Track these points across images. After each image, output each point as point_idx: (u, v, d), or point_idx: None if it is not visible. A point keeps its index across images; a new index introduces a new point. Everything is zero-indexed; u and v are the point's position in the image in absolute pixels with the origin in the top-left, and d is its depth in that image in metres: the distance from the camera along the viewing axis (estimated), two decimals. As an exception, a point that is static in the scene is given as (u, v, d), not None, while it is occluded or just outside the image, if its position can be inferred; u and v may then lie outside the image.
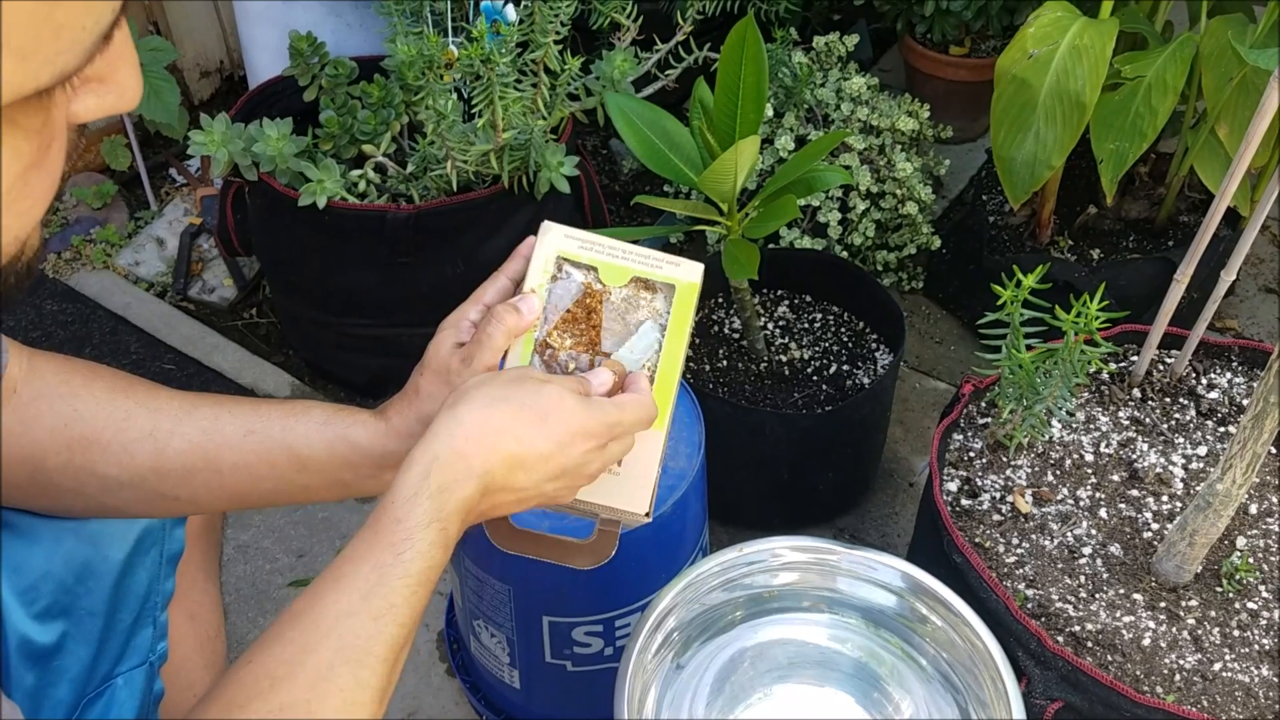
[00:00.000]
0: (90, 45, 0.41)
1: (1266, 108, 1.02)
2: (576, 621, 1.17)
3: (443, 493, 0.67)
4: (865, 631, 0.95)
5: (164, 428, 0.77)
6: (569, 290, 0.78)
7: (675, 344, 0.78)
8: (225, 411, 0.78)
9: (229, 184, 1.63)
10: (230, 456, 0.77)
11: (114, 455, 0.76)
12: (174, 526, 0.89)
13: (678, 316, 0.78)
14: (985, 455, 1.20)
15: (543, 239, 0.79)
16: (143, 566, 0.87)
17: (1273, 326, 1.84)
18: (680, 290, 0.79)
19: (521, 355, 0.76)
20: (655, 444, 0.76)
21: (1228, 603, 1.08)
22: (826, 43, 1.78)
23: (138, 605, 0.87)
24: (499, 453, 0.68)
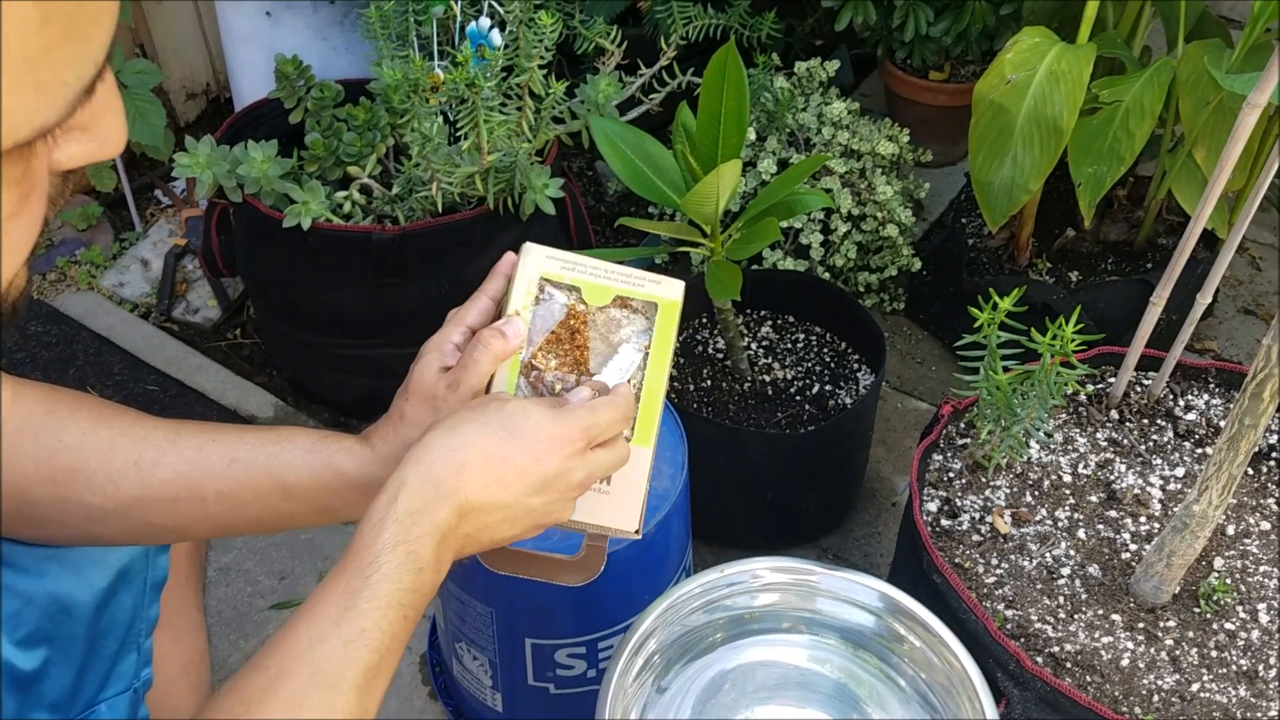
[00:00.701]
0: (72, 100, 0.41)
1: (1241, 131, 1.03)
2: (559, 643, 1.17)
3: (410, 516, 0.67)
4: (844, 653, 0.96)
5: (149, 457, 0.77)
6: (552, 312, 0.78)
7: (659, 361, 0.79)
8: (210, 440, 0.78)
9: (214, 205, 1.63)
10: (215, 485, 0.77)
11: (99, 485, 0.76)
12: (158, 554, 0.89)
13: (661, 334, 0.79)
14: (964, 476, 1.21)
15: (524, 260, 0.79)
16: (127, 593, 0.87)
17: (1251, 348, 1.86)
18: (663, 308, 0.79)
19: (508, 379, 0.76)
20: (643, 461, 0.77)
21: (1205, 623, 1.09)
22: (808, 68, 1.80)
23: (122, 632, 0.87)
24: (469, 471, 0.68)
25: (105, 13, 0.43)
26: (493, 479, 0.69)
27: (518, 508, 0.70)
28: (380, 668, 0.66)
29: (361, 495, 0.77)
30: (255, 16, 1.77)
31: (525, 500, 0.70)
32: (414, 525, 0.67)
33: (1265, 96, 0.99)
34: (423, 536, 0.67)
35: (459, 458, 0.68)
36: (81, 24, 0.42)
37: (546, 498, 0.71)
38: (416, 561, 0.67)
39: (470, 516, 0.69)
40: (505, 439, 0.69)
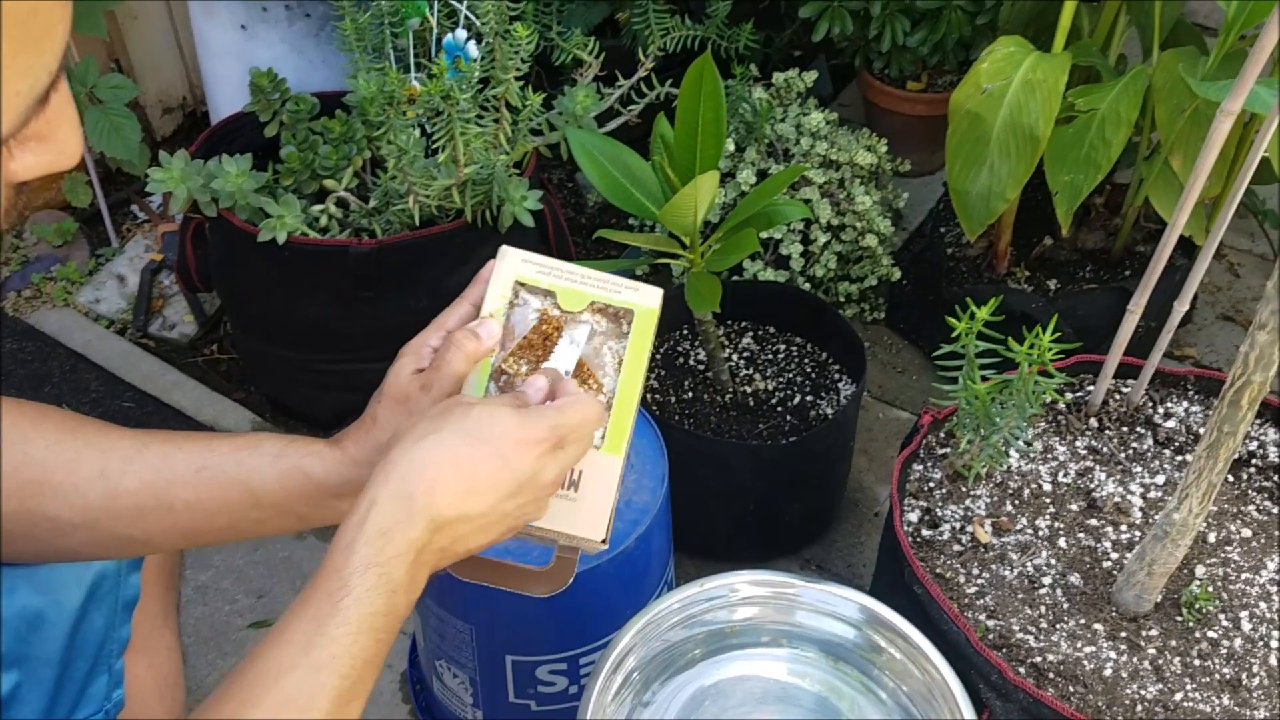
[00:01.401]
0: (25, 110, 0.41)
1: (1215, 138, 1.03)
2: (540, 660, 1.16)
3: (381, 537, 0.65)
4: (825, 665, 0.95)
5: (115, 467, 0.76)
6: (526, 316, 0.78)
7: (634, 369, 0.77)
8: (176, 448, 0.77)
9: (189, 220, 1.62)
10: (183, 493, 0.76)
11: (65, 497, 0.75)
12: (129, 572, 0.88)
13: (636, 342, 0.78)
14: (945, 485, 1.21)
15: (500, 264, 0.78)
16: (98, 613, 0.86)
17: (1230, 353, 1.87)
18: (639, 315, 0.78)
19: (478, 383, 0.75)
20: (612, 469, 0.75)
21: (1188, 632, 1.09)
22: (786, 79, 1.80)
23: (93, 653, 0.86)
24: (440, 484, 0.67)
25: (58, 23, 0.43)
26: (465, 489, 0.67)
27: (492, 515, 0.69)
28: (354, 693, 0.65)
29: (332, 499, 0.76)
30: (230, 30, 1.76)
31: (499, 506, 0.69)
32: (386, 546, 0.65)
33: (1238, 104, 0.99)
34: (395, 557, 0.65)
35: (429, 473, 0.67)
36: (34, 34, 0.41)
37: (520, 500, 0.70)
38: (389, 584, 0.65)
39: (444, 530, 0.68)
40: (474, 446, 0.68)
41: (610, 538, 0.88)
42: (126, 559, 0.88)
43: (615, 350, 0.78)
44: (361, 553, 0.65)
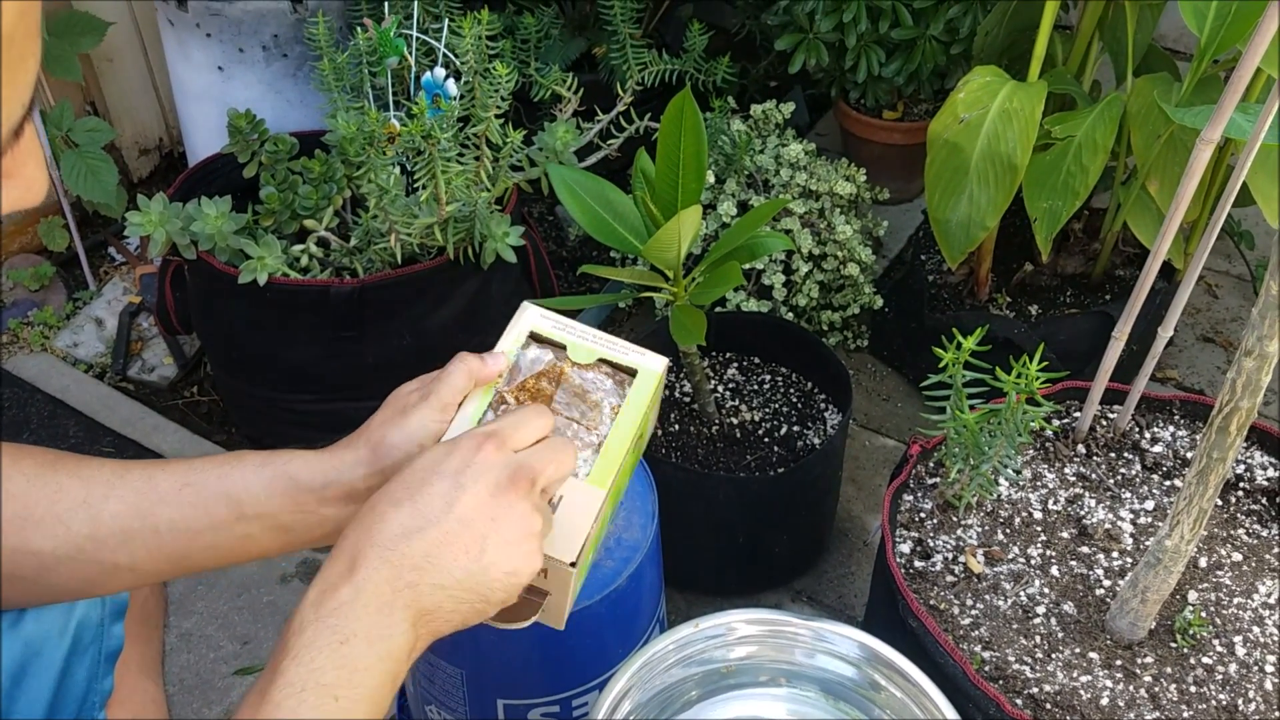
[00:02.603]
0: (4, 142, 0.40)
1: (1195, 167, 1.04)
2: (532, 703, 1.15)
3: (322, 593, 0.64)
4: (824, 705, 0.94)
5: (97, 493, 0.75)
6: (537, 361, 0.82)
7: (629, 417, 0.79)
8: (158, 470, 0.77)
9: (168, 262, 1.61)
10: (167, 512, 0.75)
11: (48, 528, 0.74)
12: (112, 622, 0.87)
13: (635, 396, 0.81)
14: (936, 515, 1.21)
15: (519, 316, 0.84)
16: (81, 666, 0.84)
17: (1212, 374, 1.88)
18: (642, 374, 0.82)
19: (478, 407, 0.78)
20: (593, 500, 0.75)
21: (1183, 658, 1.08)
22: (764, 110, 1.81)
23: (76, 706, 0.84)
24: (377, 522, 0.66)
25: (30, 55, 0.42)
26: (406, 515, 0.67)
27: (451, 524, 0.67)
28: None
29: (317, 504, 0.76)
30: (207, 72, 1.76)
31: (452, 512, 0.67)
32: (325, 600, 0.64)
33: (1218, 132, 1.00)
34: (337, 608, 0.63)
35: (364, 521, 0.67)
36: (9, 66, 0.41)
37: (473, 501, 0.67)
38: (335, 635, 0.63)
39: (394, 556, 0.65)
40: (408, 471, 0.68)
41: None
42: (110, 606, 0.86)
43: (614, 404, 0.81)
44: (301, 615, 0.64)
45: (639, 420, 0.80)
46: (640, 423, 0.80)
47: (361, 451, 0.76)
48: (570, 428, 0.79)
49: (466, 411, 0.77)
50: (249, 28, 1.71)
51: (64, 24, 1.77)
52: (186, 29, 1.72)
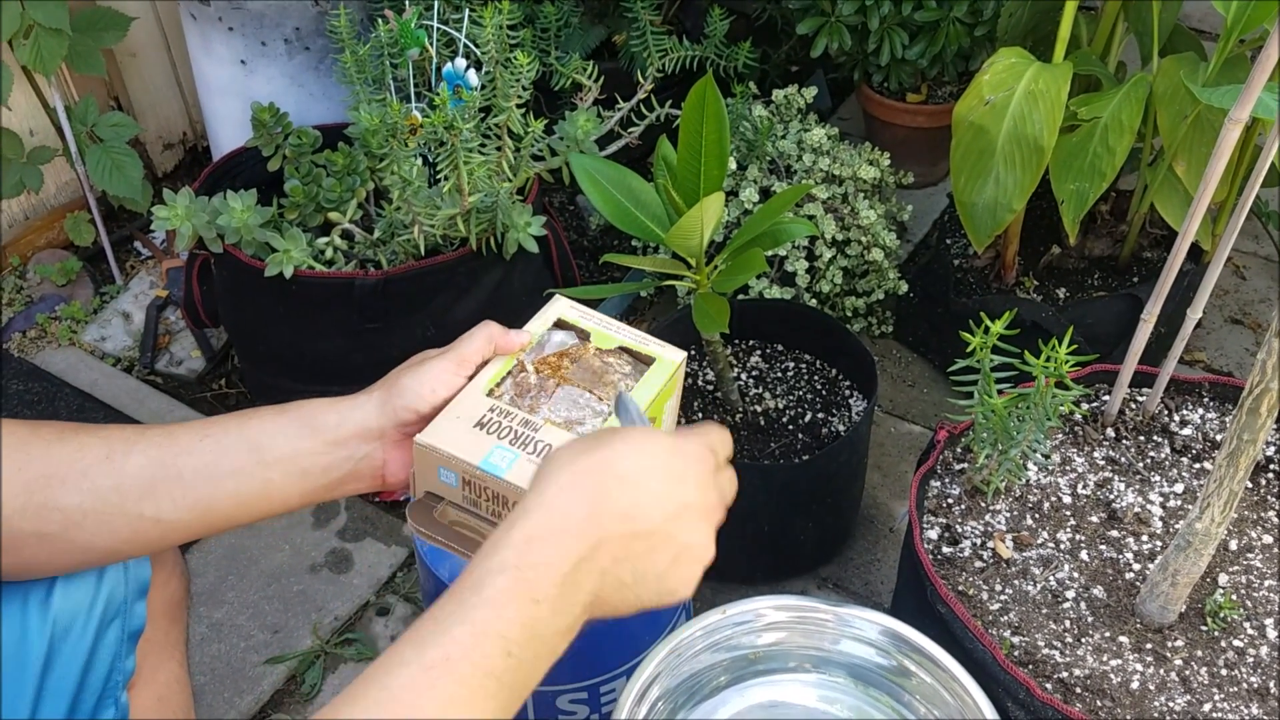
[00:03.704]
0: None
1: (1224, 147, 1.03)
2: (560, 689, 1.15)
3: (527, 542, 0.61)
4: (854, 691, 0.94)
5: (119, 449, 0.76)
6: (562, 343, 0.86)
7: (644, 393, 0.82)
8: (177, 426, 0.79)
9: (194, 256, 1.62)
10: (189, 461, 0.76)
11: (73, 483, 0.75)
12: (135, 600, 0.88)
13: (653, 375, 0.84)
14: (964, 501, 1.20)
15: (549, 305, 0.89)
16: (104, 644, 0.86)
17: (1240, 356, 1.86)
18: (660, 362, 0.85)
19: (499, 371, 0.82)
20: None
21: (1214, 641, 1.08)
22: (786, 95, 1.80)
23: (100, 685, 0.86)
24: (605, 497, 0.64)
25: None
26: (629, 503, 0.64)
27: (658, 535, 0.65)
28: (471, 705, 0.57)
29: (333, 444, 0.78)
30: (230, 66, 1.77)
31: (665, 527, 0.65)
32: (529, 551, 0.61)
33: (1246, 111, 0.99)
34: (541, 564, 0.61)
35: (590, 483, 0.64)
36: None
37: (686, 521, 0.66)
38: (530, 591, 0.60)
39: (605, 546, 0.63)
40: (639, 460, 0.65)
41: None
42: (133, 584, 0.87)
43: (630, 384, 0.84)
44: (501, 555, 0.61)
45: (653, 398, 0.82)
46: (655, 402, 0.82)
47: (375, 394, 0.80)
48: (584, 396, 0.82)
49: (487, 373, 0.81)
50: (271, 21, 1.71)
51: (87, 20, 1.78)
52: (209, 23, 1.73)
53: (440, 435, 0.77)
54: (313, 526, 1.63)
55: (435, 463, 0.77)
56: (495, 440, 0.76)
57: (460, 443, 0.76)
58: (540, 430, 0.78)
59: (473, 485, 0.77)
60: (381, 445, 0.80)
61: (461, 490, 0.77)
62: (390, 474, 0.81)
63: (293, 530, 1.62)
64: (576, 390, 0.82)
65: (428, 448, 0.76)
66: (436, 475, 0.78)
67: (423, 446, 0.77)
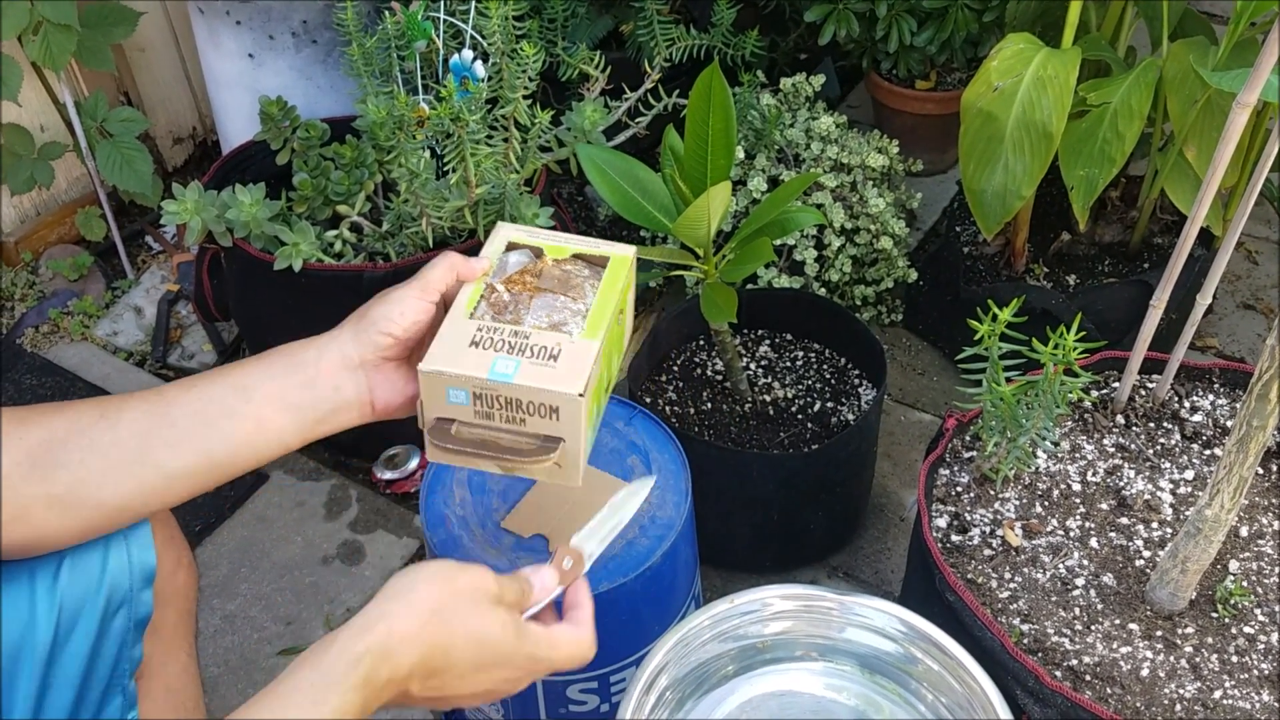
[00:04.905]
0: None
1: (1232, 130, 1.02)
2: (570, 679, 1.16)
3: (365, 685, 0.71)
4: (861, 679, 0.94)
5: (111, 408, 0.80)
6: (519, 261, 0.91)
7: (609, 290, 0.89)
8: (167, 385, 0.83)
9: (204, 250, 1.62)
10: (180, 410, 0.80)
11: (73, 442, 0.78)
12: (141, 589, 0.88)
13: (612, 274, 0.90)
14: (973, 489, 1.20)
15: (496, 232, 0.93)
16: (112, 633, 0.86)
17: (1252, 342, 1.85)
18: (614, 260, 0.91)
19: (471, 295, 0.87)
20: (590, 348, 0.84)
21: (1224, 628, 1.07)
22: (793, 83, 1.80)
23: (107, 673, 0.86)
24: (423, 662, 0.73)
25: None
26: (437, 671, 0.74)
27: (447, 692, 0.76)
28: None
29: (322, 380, 0.83)
30: (238, 59, 1.77)
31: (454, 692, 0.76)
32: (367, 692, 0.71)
33: (1255, 95, 0.98)
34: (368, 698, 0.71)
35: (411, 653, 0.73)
36: None
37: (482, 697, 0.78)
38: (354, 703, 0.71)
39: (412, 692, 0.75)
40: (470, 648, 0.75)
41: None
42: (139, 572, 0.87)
43: (594, 284, 0.90)
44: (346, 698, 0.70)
45: (618, 293, 0.89)
46: (620, 298, 0.89)
47: (347, 326, 0.85)
48: (558, 300, 0.88)
49: (461, 299, 0.86)
50: (278, 14, 1.71)
51: (96, 15, 1.79)
52: (217, 17, 1.74)
53: (441, 359, 0.81)
54: (324, 519, 1.64)
55: (443, 386, 0.81)
56: (494, 353, 0.82)
57: (463, 361, 0.81)
58: (532, 337, 0.84)
59: (484, 398, 0.81)
60: (364, 373, 0.85)
61: (473, 407, 0.82)
62: (378, 400, 0.86)
63: (304, 523, 1.63)
64: (550, 296, 0.88)
65: (433, 373, 0.81)
66: (445, 399, 0.82)
67: (428, 373, 0.81)
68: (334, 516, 1.64)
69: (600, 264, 0.91)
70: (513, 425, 0.82)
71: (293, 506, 1.66)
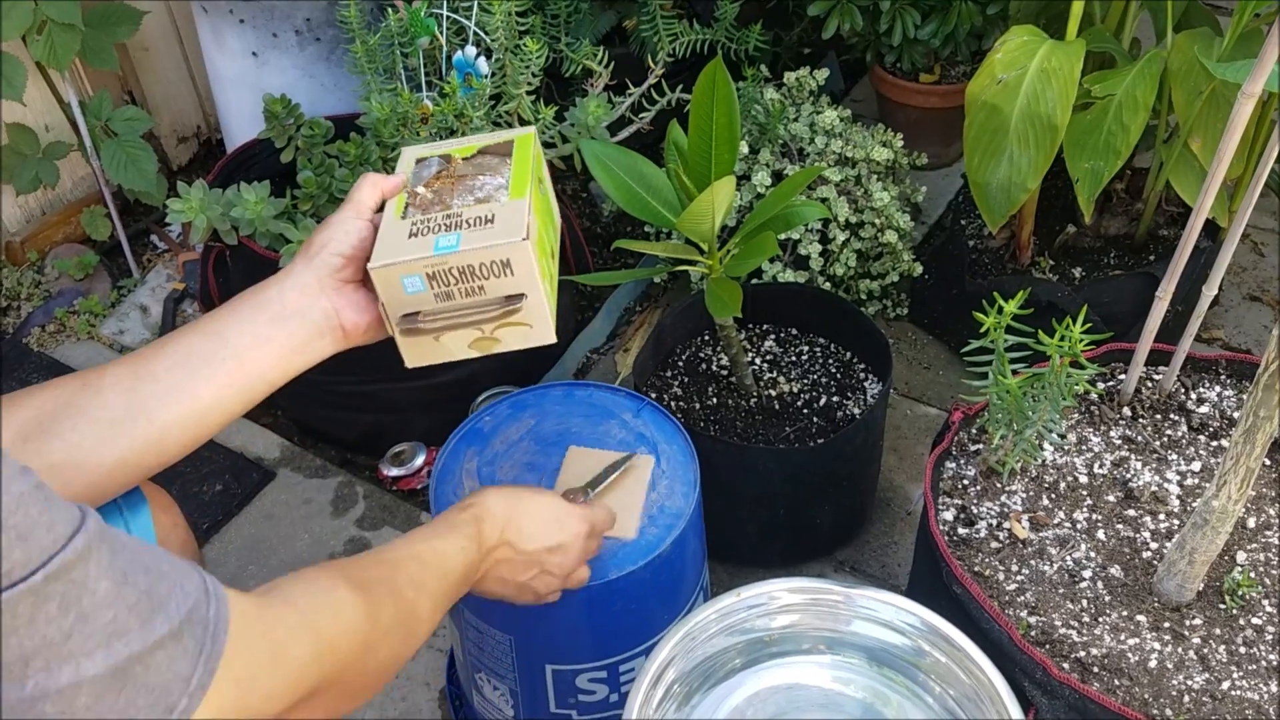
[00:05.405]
0: None
1: (1237, 122, 1.02)
2: (580, 668, 1.16)
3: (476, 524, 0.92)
4: (869, 671, 0.94)
5: (92, 375, 0.83)
6: (430, 168, 0.97)
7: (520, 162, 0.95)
8: (142, 348, 0.87)
9: (210, 248, 1.63)
10: (160, 364, 0.84)
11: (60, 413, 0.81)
12: None
13: (519, 150, 0.97)
14: (979, 482, 1.20)
15: (402, 156, 1.00)
16: None
17: (1259, 334, 1.85)
18: (519, 141, 0.98)
19: (396, 206, 0.93)
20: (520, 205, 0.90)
21: (1232, 619, 1.07)
22: (797, 78, 1.79)
23: None
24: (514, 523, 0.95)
25: None
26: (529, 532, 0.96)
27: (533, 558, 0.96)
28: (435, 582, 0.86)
29: (291, 313, 0.88)
30: (242, 58, 1.77)
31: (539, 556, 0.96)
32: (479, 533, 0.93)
33: (1259, 85, 0.98)
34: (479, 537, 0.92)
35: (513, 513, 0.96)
36: None
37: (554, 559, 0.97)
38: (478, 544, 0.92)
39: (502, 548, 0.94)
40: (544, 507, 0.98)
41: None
42: None
43: (506, 163, 0.96)
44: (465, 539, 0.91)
45: (531, 164, 0.95)
46: (535, 167, 0.95)
47: (298, 259, 0.91)
48: (477, 180, 0.93)
49: (390, 209, 0.92)
50: (281, 13, 1.72)
51: (100, 15, 1.79)
52: (220, 15, 1.74)
53: (386, 254, 0.87)
54: (331, 516, 1.64)
55: (397, 276, 0.86)
56: (434, 235, 0.87)
57: (407, 249, 0.86)
58: (464, 213, 0.89)
59: (438, 277, 0.86)
60: (326, 297, 0.90)
61: (430, 290, 0.87)
62: (346, 322, 0.91)
63: (311, 520, 1.63)
64: (469, 182, 0.93)
65: (384, 267, 0.86)
66: (402, 290, 0.87)
67: (378, 268, 0.86)
68: (341, 514, 1.64)
69: (506, 150, 0.97)
70: (473, 296, 0.87)
71: (300, 504, 1.66)
